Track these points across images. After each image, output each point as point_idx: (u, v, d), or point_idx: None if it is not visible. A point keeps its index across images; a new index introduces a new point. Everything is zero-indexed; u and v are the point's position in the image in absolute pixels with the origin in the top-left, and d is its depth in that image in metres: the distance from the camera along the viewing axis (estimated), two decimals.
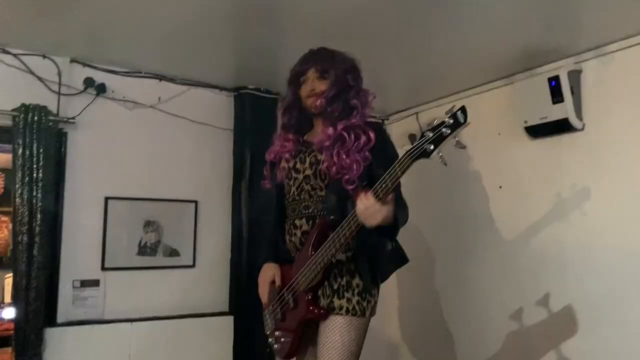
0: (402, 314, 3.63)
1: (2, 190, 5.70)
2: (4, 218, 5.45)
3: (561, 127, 2.62)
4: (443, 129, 1.53)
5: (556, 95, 2.57)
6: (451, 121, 1.53)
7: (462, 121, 1.52)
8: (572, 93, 2.56)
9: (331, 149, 1.94)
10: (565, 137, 2.66)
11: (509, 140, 2.95)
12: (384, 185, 1.65)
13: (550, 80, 2.59)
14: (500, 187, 2.99)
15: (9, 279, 4.95)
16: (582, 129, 2.59)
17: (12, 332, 4.80)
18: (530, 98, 2.71)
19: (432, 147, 1.55)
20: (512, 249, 2.88)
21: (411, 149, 1.59)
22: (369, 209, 1.67)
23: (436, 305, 3.37)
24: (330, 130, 1.95)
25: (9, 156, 4.75)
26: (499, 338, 2.91)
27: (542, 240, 2.73)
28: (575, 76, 2.60)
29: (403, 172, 1.62)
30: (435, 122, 1.56)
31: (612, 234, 2.43)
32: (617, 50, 2.48)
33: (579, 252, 2.56)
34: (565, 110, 2.55)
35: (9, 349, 4.14)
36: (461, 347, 3.17)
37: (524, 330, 2.75)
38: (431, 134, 1.55)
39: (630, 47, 2.42)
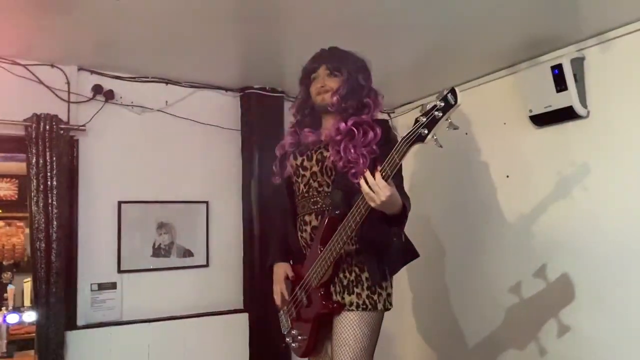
0: (412, 306, 3.67)
1: (16, 197, 5.80)
2: (19, 223, 5.55)
3: (566, 115, 2.62)
4: (435, 113, 1.57)
5: (560, 83, 2.57)
6: (442, 104, 1.56)
7: (453, 103, 1.54)
8: (576, 81, 2.56)
9: (339, 144, 1.99)
10: (571, 125, 2.67)
11: (515, 130, 2.95)
12: (383, 173, 1.69)
13: (553, 68, 2.59)
14: (508, 176, 3.00)
15: (27, 284, 5.06)
16: (587, 116, 2.59)
17: (33, 335, 4.92)
18: (534, 87, 2.72)
19: (426, 131, 1.58)
20: (521, 237, 2.89)
21: (406, 134, 1.63)
22: (375, 185, 1.68)
23: (446, 296, 3.40)
24: (342, 125, 1.99)
25: (22, 163, 4.83)
26: (509, 327, 2.93)
27: (551, 228, 2.74)
28: (578, 64, 2.60)
29: (401, 158, 1.66)
30: (428, 107, 1.59)
31: (619, 220, 2.44)
32: (619, 37, 2.47)
33: (588, 238, 2.56)
34: (569, 98, 2.55)
35: (31, 352, 4.25)
36: (471, 338, 3.19)
37: (535, 319, 2.77)
38: (424, 119, 1.59)
39: (632, 32, 2.41)
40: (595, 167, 2.56)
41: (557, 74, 2.58)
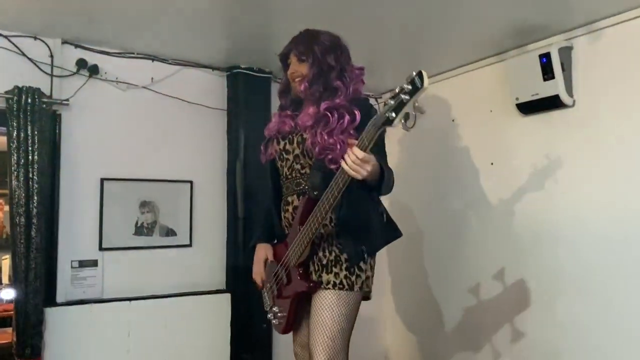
0: (392, 290, 3.70)
1: None
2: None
3: (552, 103, 2.64)
4: (402, 96, 1.55)
5: (547, 71, 2.59)
6: (409, 87, 1.55)
7: (420, 86, 1.53)
8: (563, 70, 2.58)
9: (314, 129, 1.97)
10: (556, 114, 2.69)
11: (501, 117, 2.97)
12: (361, 144, 1.67)
13: (541, 57, 2.61)
14: (492, 163, 3.02)
15: (5, 261, 4.99)
16: (573, 106, 2.62)
17: (11, 312, 4.85)
18: (522, 75, 2.73)
19: (393, 114, 1.57)
20: (503, 224, 2.92)
21: (374, 118, 1.63)
22: (357, 160, 1.67)
23: (426, 281, 3.43)
24: (311, 110, 1.98)
25: (2, 138, 4.74)
26: (489, 312, 2.98)
27: (533, 216, 2.78)
28: (566, 53, 2.62)
29: (370, 142, 1.65)
30: (396, 90, 1.58)
31: (602, 208, 2.48)
32: (607, 27, 2.50)
33: (570, 227, 2.60)
34: (556, 86, 2.57)
35: (9, 329, 4.20)
36: (451, 322, 3.24)
37: (515, 304, 2.82)
38: (392, 102, 1.58)
39: (620, 23, 2.44)
40: (579, 156, 2.59)
41: (545, 62, 2.60)
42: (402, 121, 1.58)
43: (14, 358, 2.71)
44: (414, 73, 1.53)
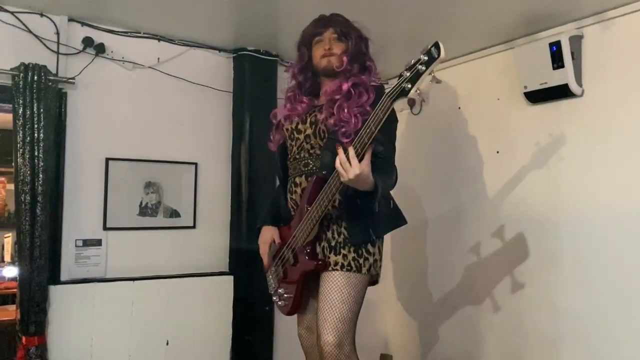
0: (394, 276, 3.71)
1: None
2: (1, 178, 5.44)
3: (561, 92, 2.63)
4: (419, 66, 1.58)
5: (557, 60, 2.57)
6: (425, 58, 1.57)
7: (436, 56, 1.56)
8: (573, 59, 2.56)
9: (334, 103, 2.00)
10: (564, 103, 2.68)
11: (508, 106, 2.96)
12: (367, 130, 1.71)
13: (551, 45, 2.59)
14: (498, 152, 3.02)
15: (8, 239, 5.00)
16: (582, 95, 2.61)
17: (12, 290, 4.91)
18: (531, 63, 2.71)
19: (409, 85, 1.60)
20: (507, 213, 2.93)
21: (390, 90, 1.66)
22: (345, 163, 1.72)
23: (427, 267, 3.45)
24: (345, 85, 2.00)
25: (5, 116, 4.73)
26: (490, 299, 2.99)
27: (538, 205, 2.78)
28: (576, 42, 2.60)
29: (384, 114, 1.68)
30: (412, 61, 1.60)
31: (608, 199, 2.48)
32: (618, 16, 2.47)
33: (575, 217, 2.60)
34: (565, 75, 2.56)
35: (11, 307, 4.23)
36: (452, 309, 3.25)
37: (517, 292, 2.83)
38: (408, 73, 1.61)
39: (631, 12, 2.42)
40: (586, 147, 2.58)
41: (555, 50, 2.58)
42: (418, 92, 1.59)
43: (17, 335, 2.73)
44: (430, 44, 1.55)
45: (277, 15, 2.80)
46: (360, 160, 1.71)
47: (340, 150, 1.73)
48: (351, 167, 1.70)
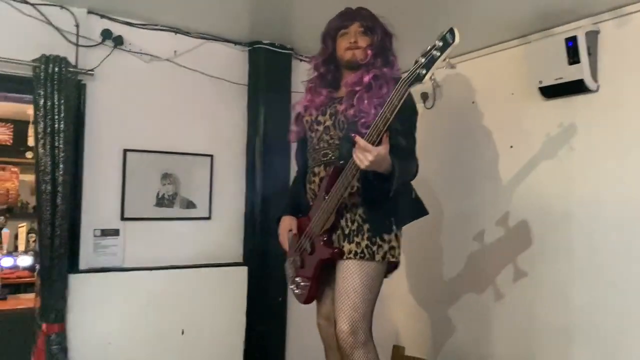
0: (405, 267, 3.73)
1: (11, 142, 5.74)
2: (14, 169, 5.51)
3: (576, 88, 2.64)
4: (433, 52, 1.61)
5: (573, 55, 2.58)
6: (440, 43, 1.60)
7: (451, 41, 1.59)
8: (589, 54, 2.57)
9: (354, 94, 2.02)
10: (579, 98, 2.69)
11: (522, 100, 2.97)
12: (383, 117, 1.74)
13: (567, 40, 2.60)
14: (511, 146, 3.03)
15: (22, 228, 5.06)
16: (597, 91, 2.62)
17: (26, 279, 4.97)
18: (547, 58, 2.72)
19: (424, 71, 1.63)
20: (520, 207, 2.94)
21: (405, 76, 1.68)
22: (361, 150, 1.74)
23: (440, 261, 3.47)
24: (367, 77, 2.02)
25: (18, 107, 4.76)
26: (502, 295, 3.02)
27: (551, 199, 2.79)
28: (592, 37, 2.60)
29: (400, 100, 1.70)
30: (427, 48, 1.64)
31: (622, 194, 2.49)
32: (635, 12, 2.48)
33: (589, 212, 2.62)
34: (581, 71, 2.57)
35: (24, 295, 4.29)
36: (464, 304, 3.28)
37: (529, 283, 2.86)
38: (423, 59, 1.64)
39: None
40: (600, 142, 2.60)
41: (571, 46, 2.58)
42: (432, 78, 1.61)
43: (36, 322, 2.78)
44: (445, 30, 1.57)
45: (292, 9, 2.82)
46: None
47: (359, 138, 1.75)
48: (368, 152, 1.72)
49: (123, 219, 2.91)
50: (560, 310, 2.71)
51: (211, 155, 3.20)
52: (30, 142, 5.60)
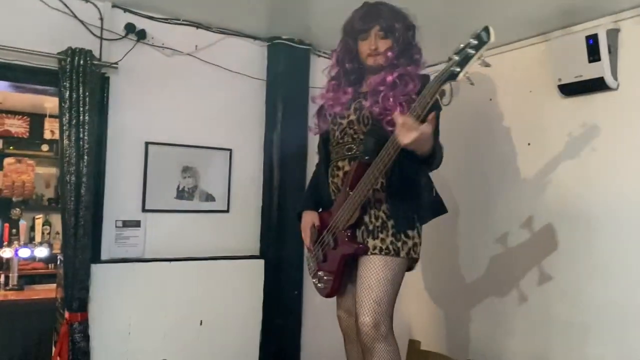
0: (421, 265, 3.75)
1: (27, 134, 5.81)
2: (30, 161, 5.57)
3: (596, 86, 2.65)
4: (468, 50, 1.60)
5: (593, 53, 2.59)
6: (475, 42, 1.60)
7: (486, 40, 1.59)
8: (610, 52, 2.58)
9: (379, 93, 2.03)
10: (599, 96, 2.70)
11: (541, 98, 2.98)
12: (413, 114, 1.74)
13: (588, 38, 2.61)
14: (529, 144, 3.04)
15: (38, 220, 5.13)
16: (617, 89, 2.62)
17: (40, 271, 5.03)
18: (566, 56, 2.73)
19: (458, 69, 1.62)
20: (537, 204, 2.95)
21: (439, 73, 1.68)
22: (406, 124, 1.71)
23: (455, 257, 3.49)
24: (389, 78, 2.03)
25: (34, 99, 4.81)
26: (518, 292, 3.03)
27: (569, 198, 2.80)
28: (613, 35, 2.61)
29: (432, 97, 1.70)
30: (461, 45, 1.63)
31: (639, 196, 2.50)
32: None
33: (606, 211, 2.62)
34: (601, 69, 2.57)
35: (40, 287, 4.35)
36: (478, 301, 3.29)
37: (545, 284, 2.87)
38: (457, 57, 1.63)
39: None
40: (620, 140, 2.60)
41: (592, 44, 2.59)
42: (467, 75, 1.62)
43: (59, 311, 2.83)
44: (479, 29, 1.58)
45: (311, 4, 2.84)
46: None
47: (402, 115, 1.74)
48: (412, 125, 1.71)
49: (144, 210, 2.96)
50: (578, 309, 2.71)
51: (230, 150, 3.23)
52: (47, 135, 5.67)
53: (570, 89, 2.77)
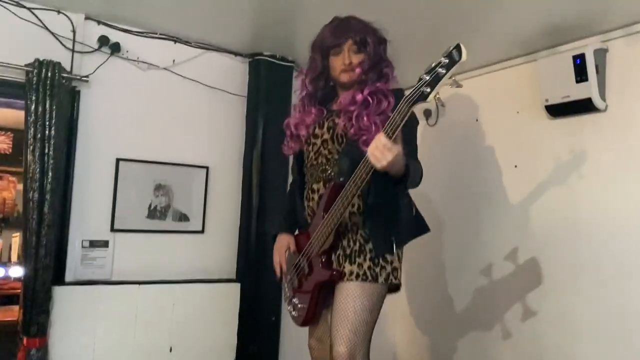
0: (405, 285, 3.62)
1: (10, 151, 5.70)
2: (12, 178, 5.46)
3: (583, 107, 2.55)
4: (439, 70, 1.51)
5: (580, 74, 2.50)
6: (446, 60, 1.50)
7: (457, 59, 1.49)
8: (597, 72, 2.50)
9: (352, 112, 1.94)
10: (586, 118, 2.60)
11: (528, 119, 2.89)
12: (385, 133, 1.64)
13: (575, 58, 2.52)
14: (516, 166, 2.94)
15: (16, 238, 4.99)
16: (605, 110, 2.53)
17: (17, 291, 4.87)
18: (553, 76, 2.64)
19: (428, 89, 1.53)
20: (525, 228, 2.84)
21: (408, 94, 1.58)
22: (379, 147, 1.63)
23: (440, 279, 3.36)
24: (359, 96, 1.94)
25: (19, 115, 4.73)
26: (505, 323, 2.90)
27: (555, 221, 2.69)
28: (600, 55, 2.52)
29: (402, 120, 1.61)
30: (432, 64, 1.53)
31: (630, 217, 2.39)
32: None
33: (595, 234, 2.52)
34: (589, 89, 2.48)
35: (16, 307, 4.20)
36: (463, 325, 3.17)
37: (530, 305, 2.75)
38: (427, 77, 1.54)
39: None
40: (608, 163, 2.50)
41: (579, 63, 2.51)
42: (437, 97, 1.53)
43: (19, 336, 2.68)
44: (451, 46, 1.48)
45: (294, 21, 2.79)
46: None
47: (381, 134, 1.65)
48: (387, 149, 1.62)
49: (113, 230, 2.84)
50: (568, 340, 2.59)
51: (207, 167, 3.13)
52: None
53: (557, 110, 2.68)
